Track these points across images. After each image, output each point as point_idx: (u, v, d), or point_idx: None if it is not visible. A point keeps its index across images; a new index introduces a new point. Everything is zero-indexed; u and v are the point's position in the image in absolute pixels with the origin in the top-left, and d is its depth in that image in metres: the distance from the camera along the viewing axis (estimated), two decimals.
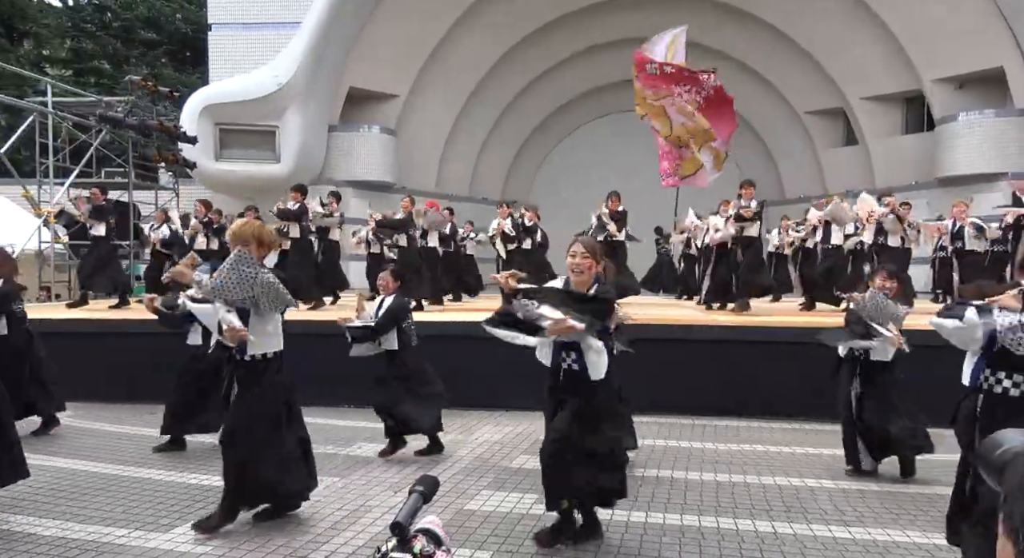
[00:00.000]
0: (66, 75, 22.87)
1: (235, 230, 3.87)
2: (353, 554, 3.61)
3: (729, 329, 7.22)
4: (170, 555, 3.59)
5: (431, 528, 1.28)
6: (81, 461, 5.28)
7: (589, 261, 3.52)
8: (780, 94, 19.25)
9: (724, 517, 4.16)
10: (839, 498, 4.53)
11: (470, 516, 4.15)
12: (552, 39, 18.44)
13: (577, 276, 3.54)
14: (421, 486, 1.35)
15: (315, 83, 15.56)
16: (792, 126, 19.58)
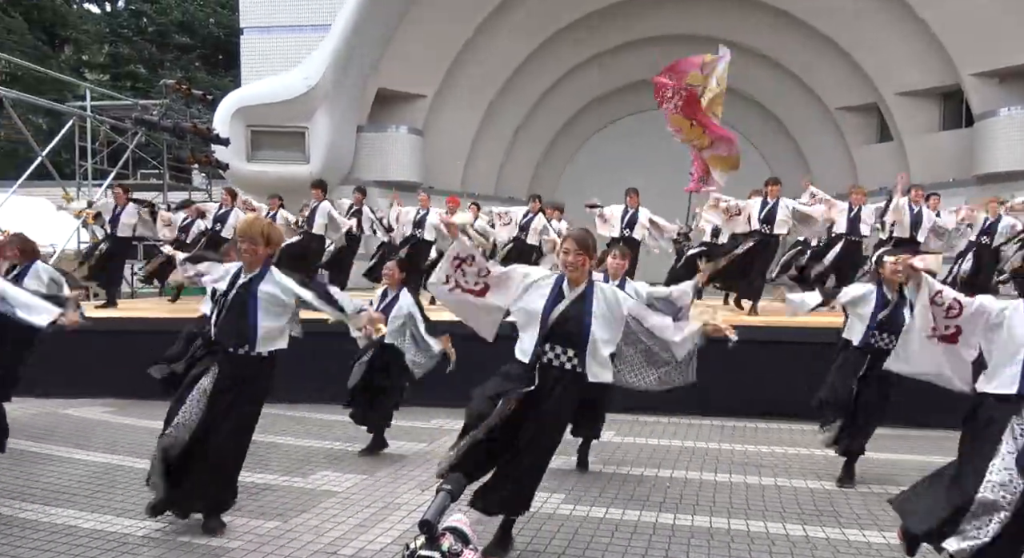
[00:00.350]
0: (104, 80, 23.48)
1: (243, 228, 3.82)
2: (381, 551, 3.65)
3: (753, 329, 7.12)
4: (202, 549, 3.66)
5: (459, 527, 1.29)
6: (118, 456, 5.42)
7: (582, 257, 3.43)
8: (810, 90, 18.91)
9: (754, 520, 4.12)
10: (873, 502, 4.45)
11: (496, 517, 4.15)
12: (578, 38, 18.38)
13: (572, 272, 3.44)
14: (449, 485, 1.37)
15: (344, 84, 15.73)
16: (823, 122, 19.22)
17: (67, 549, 3.65)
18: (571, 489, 4.67)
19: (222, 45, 25.03)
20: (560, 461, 5.29)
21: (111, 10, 26.93)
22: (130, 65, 24.80)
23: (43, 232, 12.14)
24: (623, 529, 3.97)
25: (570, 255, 3.43)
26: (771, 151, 21.20)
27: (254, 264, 3.79)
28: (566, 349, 3.39)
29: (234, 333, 3.73)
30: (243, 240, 3.75)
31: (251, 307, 3.72)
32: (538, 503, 4.36)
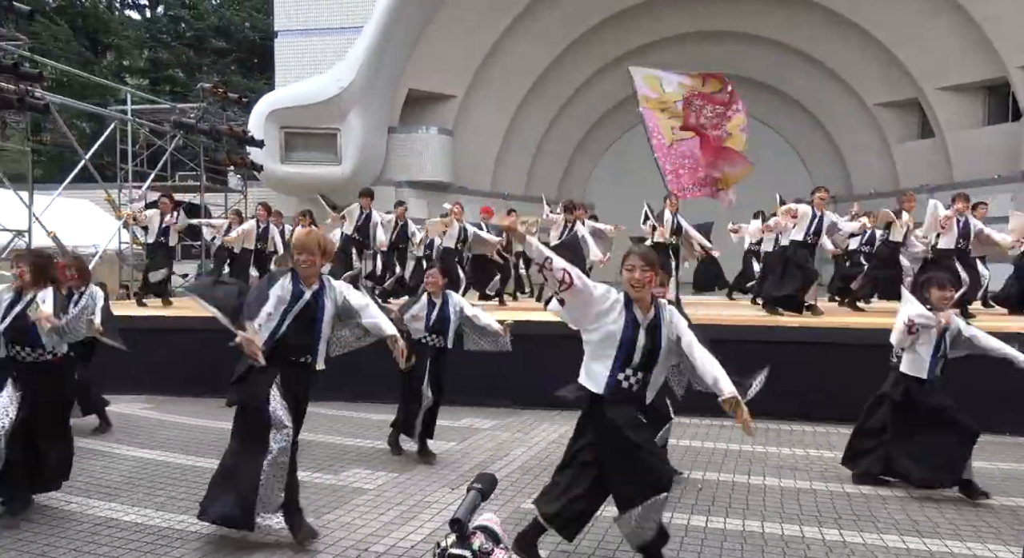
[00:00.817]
0: (144, 84, 24.11)
1: (300, 241, 3.81)
2: (412, 549, 3.67)
3: (791, 330, 7.00)
4: (238, 543, 3.73)
5: (489, 526, 1.29)
6: (157, 452, 5.55)
7: (649, 274, 3.18)
8: (848, 85, 18.50)
9: (789, 523, 4.04)
10: (913, 508, 4.33)
11: (527, 515, 4.14)
12: (607, 36, 18.28)
13: (638, 291, 3.19)
14: (479, 484, 1.36)
15: (375, 86, 15.89)
16: (861, 119, 18.80)
17: (108, 541, 3.76)
18: None
19: (257, 49, 25.51)
20: None
21: (151, 16, 27.66)
22: (169, 70, 25.43)
23: (86, 233, 12.55)
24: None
25: (636, 271, 3.17)
26: (807, 149, 20.82)
27: (312, 277, 3.76)
28: (636, 372, 3.21)
29: (300, 346, 3.71)
30: (301, 252, 3.73)
31: (317, 320, 3.71)
32: None
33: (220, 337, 7.44)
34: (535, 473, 4.98)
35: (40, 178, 13.20)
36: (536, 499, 3.45)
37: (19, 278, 3.98)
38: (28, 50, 10.06)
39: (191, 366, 7.57)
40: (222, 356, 7.49)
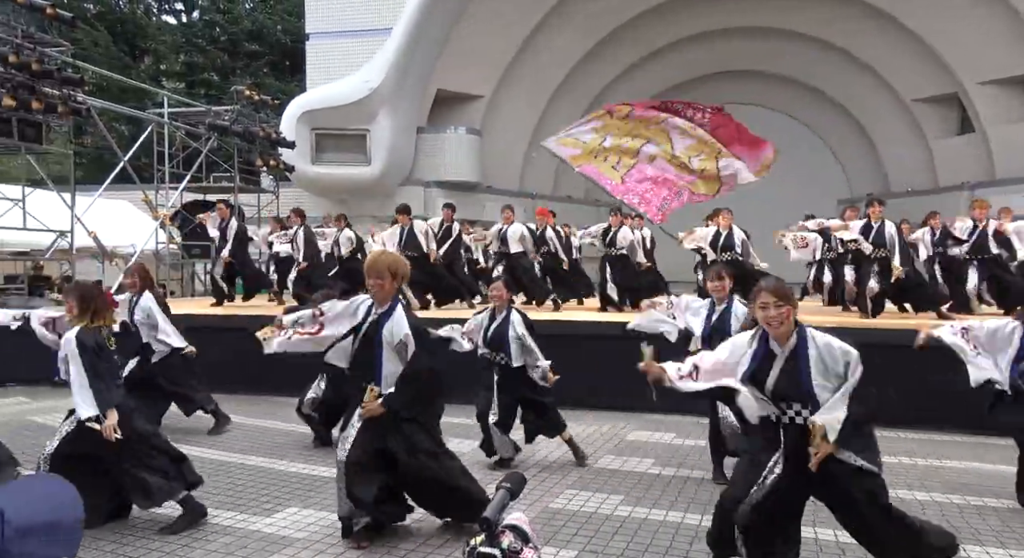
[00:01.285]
0: (180, 87, 24.63)
1: (369, 263, 3.73)
2: (442, 546, 3.69)
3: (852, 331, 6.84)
4: (270, 538, 3.80)
5: (518, 525, 1.29)
6: (199, 448, 5.67)
7: (786, 309, 2.95)
8: (884, 80, 18.08)
9: (824, 529, 3.96)
10: (970, 514, 4.21)
11: (555, 514, 4.15)
12: (635, 35, 18.15)
13: (777, 329, 2.97)
14: (508, 483, 1.37)
15: (404, 87, 16.02)
16: (898, 114, 18.36)
17: (139, 531, 3.86)
18: (630, 490, 4.62)
19: (289, 51, 25.88)
20: (619, 462, 5.24)
21: (187, 21, 28.25)
22: (204, 73, 25.93)
23: (124, 233, 12.88)
24: (684, 532, 3.89)
25: (770, 309, 2.95)
26: (842, 146, 20.43)
27: (383, 300, 3.69)
28: (791, 404, 2.98)
29: (363, 371, 3.71)
30: (370, 276, 3.66)
31: (376, 348, 3.65)
32: (595, 504, 4.33)
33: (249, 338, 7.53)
34: (562, 473, 4.97)
35: (81, 180, 13.59)
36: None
37: (68, 312, 4.01)
38: (70, 56, 10.36)
39: (237, 365, 7.73)
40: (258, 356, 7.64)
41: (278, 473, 5.00)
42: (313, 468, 5.10)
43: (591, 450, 5.59)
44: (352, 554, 3.60)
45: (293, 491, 4.60)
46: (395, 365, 3.65)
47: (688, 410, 6.46)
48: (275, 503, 4.36)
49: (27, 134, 9.50)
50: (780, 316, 2.95)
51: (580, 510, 4.24)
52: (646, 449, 5.64)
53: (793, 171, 18.83)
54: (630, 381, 6.94)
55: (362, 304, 3.78)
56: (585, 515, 4.15)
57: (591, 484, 4.73)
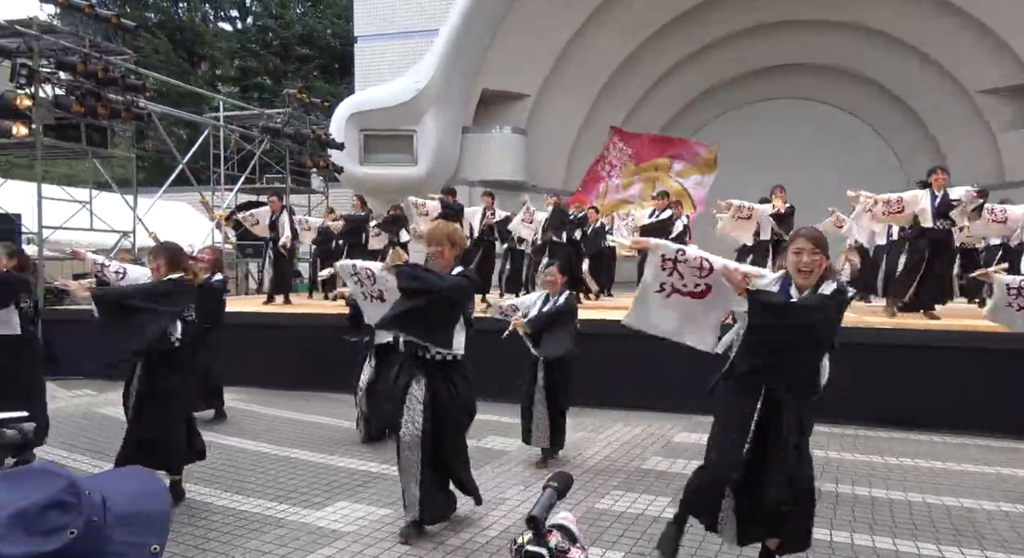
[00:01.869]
0: (234, 92, 25.41)
1: (429, 233, 3.89)
2: (487, 544, 3.71)
3: (892, 332, 6.62)
4: (321, 532, 3.88)
5: (566, 524, 1.29)
6: (249, 441, 5.85)
7: (819, 257, 2.96)
8: (945, 71, 17.32)
9: (881, 536, 3.83)
10: (1020, 523, 4.01)
11: (601, 515, 4.12)
12: (684, 31, 17.85)
13: (805, 278, 2.97)
14: (555, 482, 1.36)
15: (451, 87, 16.13)
16: (961, 106, 17.55)
17: (201, 522, 4.00)
18: (678, 493, 4.54)
19: (338, 54, 26.41)
20: (666, 463, 5.17)
21: (241, 27, 29.13)
22: (257, 77, 26.70)
23: (182, 233, 13.36)
24: None
25: (804, 255, 2.95)
26: (900, 141, 19.66)
27: (444, 267, 3.81)
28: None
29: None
30: (430, 244, 3.83)
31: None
32: (642, 505, 4.29)
33: (309, 335, 7.79)
34: (608, 474, 4.94)
35: (142, 182, 14.13)
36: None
37: (155, 271, 4.21)
38: (133, 63, 10.79)
39: (288, 362, 7.95)
40: (310, 353, 7.84)
41: (327, 467, 5.11)
42: (361, 463, 5.19)
43: (638, 451, 5.53)
44: (400, 549, 3.66)
45: (342, 485, 4.69)
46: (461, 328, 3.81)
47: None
48: (325, 497, 4.45)
49: (94, 139, 9.94)
50: (812, 263, 2.95)
51: (627, 511, 4.20)
52: (694, 451, 5.54)
53: (848, 166, 18.27)
54: (677, 382, 6.86)
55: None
56: (631, 516, 4.11)
57: (638, 485, 4.68)
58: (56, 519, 0.75)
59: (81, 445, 5.70)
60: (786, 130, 19.68)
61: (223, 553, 3.59)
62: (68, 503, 0.76)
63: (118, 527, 0.80)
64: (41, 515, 0.75)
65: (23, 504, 0.75)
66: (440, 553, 3.61)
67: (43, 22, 9.71)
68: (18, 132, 8.53)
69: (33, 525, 0.74)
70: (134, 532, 0.81)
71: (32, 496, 0.76)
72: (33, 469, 0.81)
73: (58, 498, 0.76)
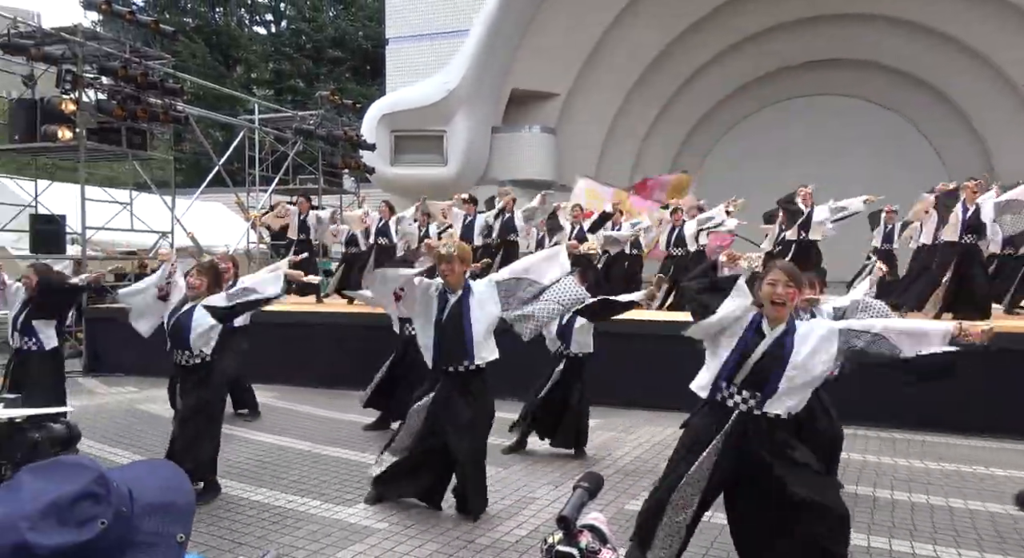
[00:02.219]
0: (268, 94, 25.87)
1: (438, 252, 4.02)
2: (517, 543, 3.72)
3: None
4: (352, 528, 3.93)
5: (597, 525, 1.28)
6: (284, 438, 5.95)
7: (792, 290, 2.92)
8: (990, 63, 16.79)
9: (921, 542, 3.73)
10: None
11: (631, 517, 4.08)
12: (717, 27, 17.62)
13: (778, 311, 2.92)
14: (586, 482, 1.35)
15: (480, 87, 16.19)
16: (1007, 102, 17.01)
17: (238, 518, 4.08)
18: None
19: (370, 56, 26.70)
20: None
21: (275, 31, 29.64)
22: (291, 80, 27.14)
23: (218, 233, 13.65)
24: None
25: (778, 286, 2.89)
26: (942, 136, 19.13)
27: (456, 284, 3.97)
28: (754, 393, 2.95)
29: (452, 354, 3.94)
30: (441, 263, 3.96)
31: (466, 325, 3.91)
32: None
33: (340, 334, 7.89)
34: (640, 475, 4.90)
35: (180, 184, 14.47)
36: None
37: (195, 288, 4.30)
38: (171, 67, 11.05)
39: (320, 360, 8.08)
40: (339, 351, 7.93)
41: (358, 464, 5.16)
42: None
43: (668, 453, 5.46)
44: (430, 547, 3.68)
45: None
46: (486, 340, 3.91)
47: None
48: (356, 494, 4.50)
49: (133, 141, 10.21)
50: (785, 296, 2.91)
51: None
52: None
53: (886, 163, 17.83)
54: None
55: (432, 288, 4.00)
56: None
57: None
58: (87, 510, 0.77)
59: (122, 441, 5.86)
60: (820, 126, 19.32)
61: (257, 547, 3.66)
62: (98, 494, 0.78)
63: (145, 518, 0.82)
64: (73, 506, 0.77)
65: (55, 495, 0.77)
66: (470, 551, 3.62)
67: (87, 29, 10.01)
68: (63, 136, 8.80)
69: (66, 516, 0.76)
70: (160, 522, 0.83)
71: (64, 488, 0.77)
72: (64, 461, 0.82)
73: (89, 489, 0.78)
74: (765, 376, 2.91)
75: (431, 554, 3.60)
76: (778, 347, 2.91)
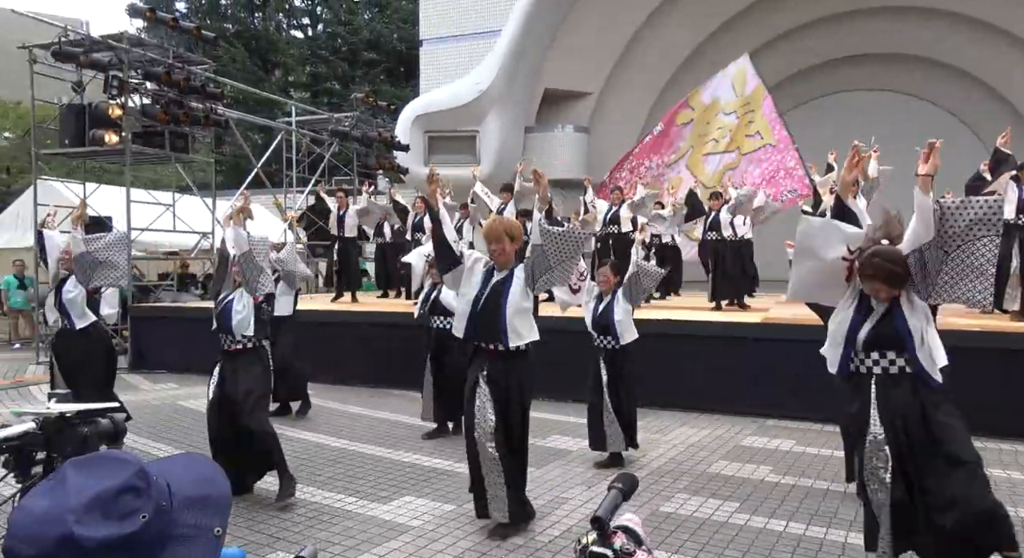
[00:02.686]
0: (305, 97, 26.29)
1: (487, 231, 3.92)
2: (550, 543, 3.71)
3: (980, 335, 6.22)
4: (388, 525, 3.97)
5: (631, 526, 1.27)
6: (320, 435, 6.05)
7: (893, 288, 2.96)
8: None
9: None
10: None
11: (666, 518, 4.06)
12: (754, 21, 17.31)
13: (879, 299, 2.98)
14: (620, 483, 1.34)
15: (513, 87, 16.19)
16: None
17: (273, 512, 4.15)
18: (746, 498, 4.42)
19: (404, 58, 26.94)
20: (733, 468, 5.04)
21: (312, 34, 30.12)
22: (327, 82, 27.53)
23: (257, 234, 13.92)
24: (807, 546, 3.68)
25: (879, 292, 2.97)
26: (990, 132, 18.45)
27: (505, 263, 3.88)
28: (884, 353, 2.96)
29: (489, 332, 3.82)
30: (489, 241, 3.85)
31: (503, 305, 3.78)
32: (709, 510, 4.19)
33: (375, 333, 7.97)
34: (673, 476, 4.85)
35: (220, 185, 14.82)
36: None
37: (237, 276, 4.48)
38: (212, 72, 11.32)
39: (358, 359, 8.19)
40: (376, 351, 8.01)
41: (394, 462, 5.22)
42: (427, 459, 5.28)
43: (704, 454, 5.41)
44: (464, 544, 3.70)
45: (408, 480, 4.79)
46: (521, 321, 3.78)
47: (806, 417, 6.10)
48: (391, 491, 4.56)
49: (176, 145, 10.49)
50: (884, 291, 2.90)
51: (692, 515, 4.11)
52: (763, 456, 5.38)
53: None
54: (744, 385, 6.67)
55: (479, 263, 3.92)
56: (698, 521, 4.03)
57: (704, 489, 4.58)
58: (130, 503, 0.78)
59: (165, 436, 6.03)
60: (861, 123, 18.82)
61: (295, 542, 3.72)
62: (140, 488, 0.80)
63: (183, 511, 0.83)
64: (116, 500, 0.78)
65: (98, 489, 0.78)
66: (503, 551, 3.63)
67: (132, 35, 10.32)
68: (110, 140, 9.09)
69: (110, 509, 0.77)
70: (198, 515, 0.84)
71: (106, 482, 0.79)
72: (105, 456, 0.84)
73: (130, 483, 0.79)
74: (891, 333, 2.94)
75: (464, 552, 3.61)
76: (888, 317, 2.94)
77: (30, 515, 0.77)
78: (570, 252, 3.78)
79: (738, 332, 6.99)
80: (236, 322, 4.35)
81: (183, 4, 27.80)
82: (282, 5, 29.12)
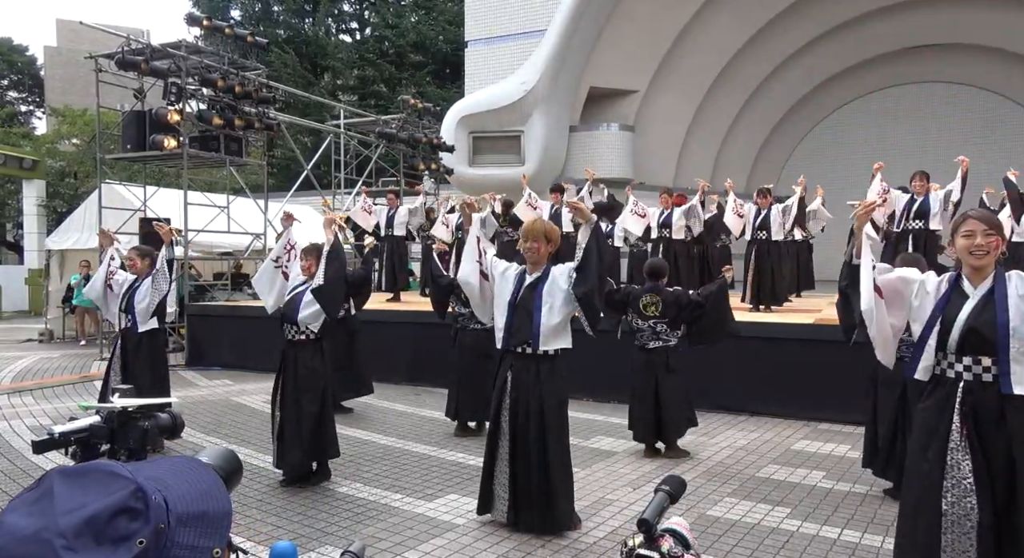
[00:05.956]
0: (353, 100, 26.76)
1: (526, 229, 3.88)
2: (594, 545, 3.69)
3: None
4: (433, 522, 4.01)
5: (679, 530, 1.25)
6: (366, 433, 6.15)
7: (994, 238, 2.63)
8: None
9: None
10: None
11: (713, 523, 3.98)
12: (800, 19, 16.86)
13: (978, 259, 2.63)
14: (667, 486, 1.32)
15: (558, 86, 16.15)
16: None
17: (323, 507, 4.24)
18: (797, 504, 4.31)
19: (449, 59, 27.17)
20: (784, 472, 4.91)
21: (360, 38, 30.66)
22: (374, 85, 27.96)
23: (307, 234, 14.25)
24: (862, 554, 3.56)
25: (976, 237, 2.63)
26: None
27: (538, 263, 3.87)
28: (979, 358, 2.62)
29: (521, 333, 3.81)
30: (527, 239, 3.83)
31: (536, 308, 3.76)
32: (758, 515, 4.10)
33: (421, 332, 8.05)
34: (721, 480, 4.76)
35: (271, 187, 15.23)
36: None
37: (306, 270, 4.73)
38: (264, 77, 11.64)
39: (404, 358, 8.31)
40: (423, 350, 8.10)
41: (439, 460, 5.27)
42: (471, 457, 5.31)
43: (753, 458, 5.29)
44: (508, 544, 3.71)
45: (452, 478, 4.83)
46: (556, 320, 3.76)
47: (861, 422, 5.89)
48: (436, 489, 4.60)
49: (231, 148, 10.82)
50: (986, 245, 2.61)
51: (741, 520, 4.03)
52: (815, 460, 5.23)
53: (995, 150, 16.51)
54: (797, 387, 6.49)
55: (509, 270, 3.96)
56: (746, 526, 3.94)
57: (754, 494, 4.48)
58: (125, 527, 0.70)
59: (219, 430, 6.23)
60: (923, 115, 18.21)
61: (343, 537, 3.79)
62: (136, 510, 0.71)
63: (180, 530, 0.74)
64: (110, 522, 0.69)
65: (92, 510, 0.70)
66: (547, 551, 3.63)
67: (190, 44, 10.68)
68: (169, 145, 9.43)
69: (103, 533, 0.69)
70: (196, 535, 0.75)
71: (100, 501, 0.70)
72: (97, 468, 0.75)
73: (126, 504, 0.71)
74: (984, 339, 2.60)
75: (508, 551, 3.62)
76: (987, 307, 2.62)
77: (12, 536, 0.68)
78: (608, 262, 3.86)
79: (789, 333, 6.82)
80: (304, 315, 4.59)
81: (237, 12, 28.64)
82: (331, 10, 29.71)
